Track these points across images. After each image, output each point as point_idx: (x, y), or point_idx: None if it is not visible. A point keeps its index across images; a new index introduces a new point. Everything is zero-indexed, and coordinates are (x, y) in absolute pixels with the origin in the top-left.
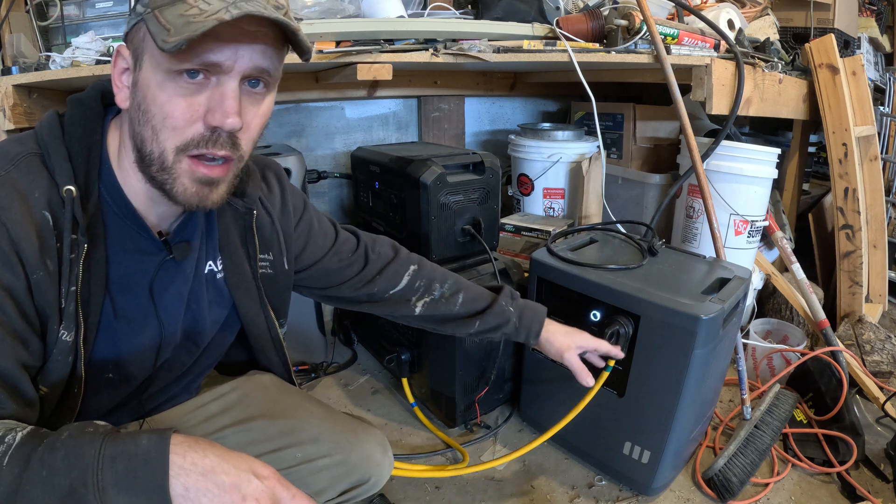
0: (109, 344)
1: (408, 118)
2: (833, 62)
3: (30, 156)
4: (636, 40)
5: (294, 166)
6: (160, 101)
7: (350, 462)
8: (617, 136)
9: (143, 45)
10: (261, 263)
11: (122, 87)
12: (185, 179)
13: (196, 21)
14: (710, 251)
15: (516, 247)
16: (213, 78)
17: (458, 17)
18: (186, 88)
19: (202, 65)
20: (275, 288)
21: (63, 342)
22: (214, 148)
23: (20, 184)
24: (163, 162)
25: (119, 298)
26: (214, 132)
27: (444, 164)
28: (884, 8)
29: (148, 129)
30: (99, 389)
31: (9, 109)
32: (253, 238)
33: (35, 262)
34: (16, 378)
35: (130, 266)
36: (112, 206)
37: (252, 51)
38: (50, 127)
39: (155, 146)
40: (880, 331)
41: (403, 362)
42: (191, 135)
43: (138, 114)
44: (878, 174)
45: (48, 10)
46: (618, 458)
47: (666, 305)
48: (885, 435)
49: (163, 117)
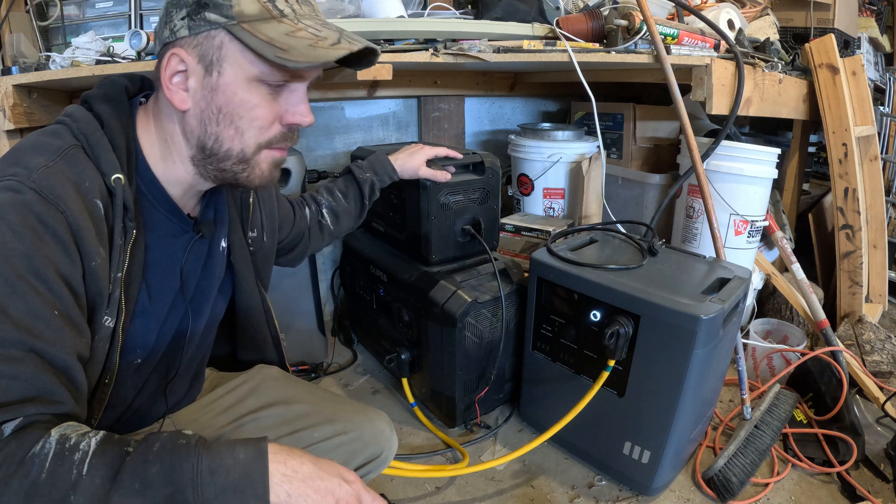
0: (142, 328)
1: (408, 118)
2: (833, 62)
3: (72, 147)
4: (636, 40)
5: (294, 166)
6: (248, 105)
7: (364, 438)
8: (617, 136)
9: (219, 52)
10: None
11: (177, 89)
12: (264, 165)
13: (319, 47)
14: (710, 251)
15: (516, 247)
16: (289, 84)
17: (458, 17)
18: (269, 94)
19: (293, 77)
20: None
21: (105, 329)
22: (290, 142)
23: (70, 173)
24: (244, 156)
25: (153, 282)
26: (291, 129)
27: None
28: (884, 8)
29: (231, 129)
30: (126, 379)
31: (9, 109)
32: (248, 214)
33: (92, 250)
34: (74, 370)
35: (163, 250)
36: (147, 194)
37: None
38: (87, 120)
39: (237, 143)
40: (880, 331)
41: (403, 362)
42: (272, 133)
43: (217, 115)
44: (878, 174)
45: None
46: (618, 458)
47: (666, 305)
48: (885, 435)
49: (251, 120)
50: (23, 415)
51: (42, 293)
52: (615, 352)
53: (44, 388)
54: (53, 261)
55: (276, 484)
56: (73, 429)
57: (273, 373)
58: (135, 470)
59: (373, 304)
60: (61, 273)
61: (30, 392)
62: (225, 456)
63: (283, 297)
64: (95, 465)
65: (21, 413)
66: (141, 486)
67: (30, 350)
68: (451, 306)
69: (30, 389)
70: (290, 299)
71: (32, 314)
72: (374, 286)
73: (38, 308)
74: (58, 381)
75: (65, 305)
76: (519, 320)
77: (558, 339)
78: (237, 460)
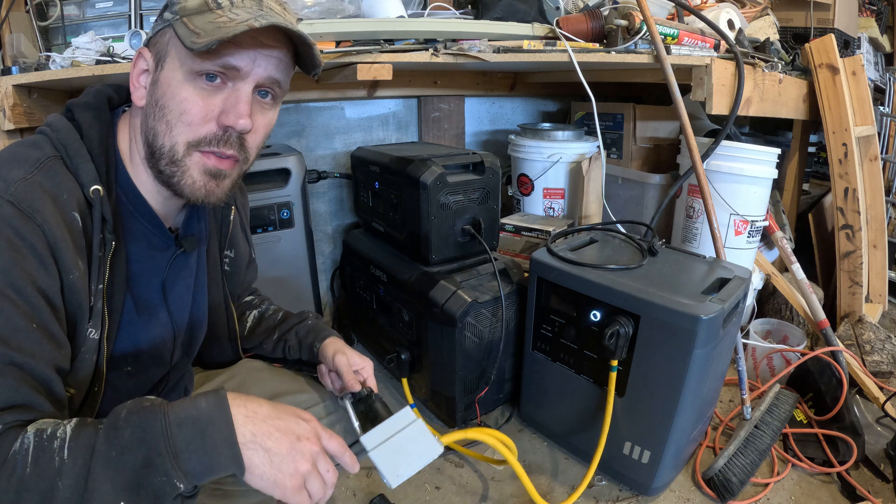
0: (129, 339)
1: (408, 118)
2: (833, 62)
3: (51, 159)
4: (636, 40)
5: (294, 166)
6: (179, 98)
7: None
8: (617, 136)
9: (167, 48)
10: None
11: (140, 86)
12: (195, 172)
13: (226, 27)
14: (710, 251)
15: (516, 247)
16: (229, 83)
17: (458, 17)
18: (204, 90)
19: (223, 67)
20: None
21: (91, 340)
22: (224, 147)
23: (48, 186)
24: (173, 155)
25: (137, 294)
26: (226, 132)
27: (444, 164)
28: (884, 8)
29: (163, 123)
30: (118, 387)
31: (9, 109)
32: (227, 231)
33: (70, 263)
34: (51, 381)
35: (145, 262)
36: (127, 204)
37: (268, 61)
38: (67, 130)
39: (167, 139)
40: (880, 331)
41: (403, 362)
42: (204, 132)
43: (154, 109)
44: (878, 174)
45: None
46: (618, 458)
47: (666, 305)
48: (885, 435)
49: (179, 113)
50: (1, 423)
51: (20, 306)
52: (615, 352)
53: (23, 399)
54: (31, 274)
55: (240, 425)
56: (47, 423)
57: (256, 364)
58: (109, 439)
59: (373, 304)
60: (39, 287)
61: (8, 402)
62: (188, 408)
63: (282, 296)
64: (74, 448)
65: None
66: (118, 453)
67: (9, 363)
68: (451, 306)
69: (8, 400)
70: (289, 299)
71: (11, 327)
72: (374, 286)
73: (16, 321)
74: (37, 392)
75: (43, 318)
76: (519, 320)
77: (558, 339)
78: (200, 410)
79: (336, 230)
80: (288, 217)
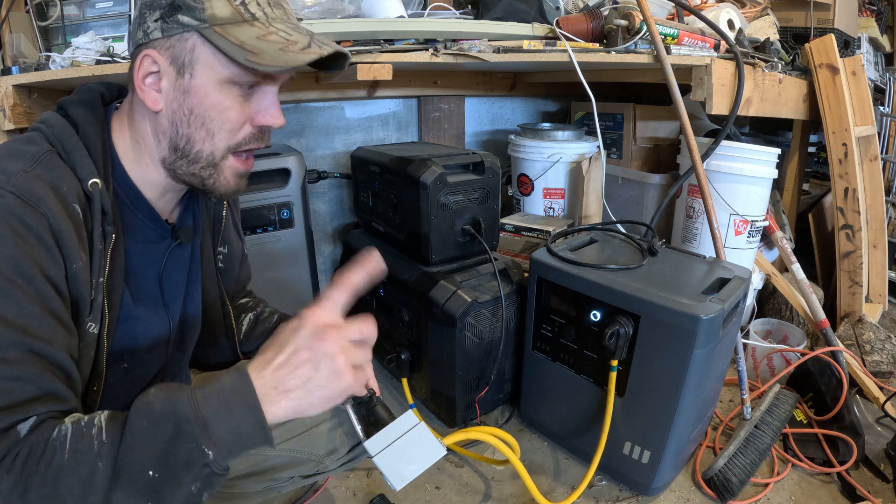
0: (127, 333)
1: (408, 118)
2: (833, 62)
3: (48, 153)
4: (636, 40)
5: (294, 166)
6: (220, 107)
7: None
8: (617, 136)
9: (191, 54)
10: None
11: (149, 89)
12: (228, 174)
13: (289, 51)
14: (710, 251)
15: (516, 247)
16: (262, 87)
17: (458, 17)
18: (241, 96)
19: (264, 77)
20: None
21: (90, 335)
22: (258, 143)
23: (48, 178)
24: (212, 160)
25: (134, 287)
26: (262, 131)
27: (444, 164)
28: (884, 8)
29: (202, 131)
30: (114, 384)
31: (9, 109)
32: (220, 227)
33: (74, 253)
34: (69, 368)
35: (142, 255)
36: (124, 198)
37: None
38: (62, 126)
39: (207, 145)
40: (880, 331)
41: (403, 362)
42: (242, 136)
43: (189, 117)
44: (878, 174)
45: (48, 10)
46: (618, 458)
47: (666, 305)
48: (885, 435)
49: (222, 122)
50: (34, 413)
51: (31, 294)
52: (615, 352)
53: (48, 388)
54: (39, 262)
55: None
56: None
57: None
58: (139, 411)
59: (372, 303)
60: (47, 274)
61: (36, 392)
62: (213, 384)
63: (282, 296)
64: (109, 431)
65: (32, 412)
66: (149, 424)
67: (28, 350)
68: (451, 306)
69: (35, 389)
70: (289, 299)
71: (25, 314)
72: (374, 286)
73: (29, 308)
74: (58, 379)
75: (53, 305)
76: (519, 320)
77: (558, 339)
78: (224, 384)
79: (336, 230)
80: (288, 217)
